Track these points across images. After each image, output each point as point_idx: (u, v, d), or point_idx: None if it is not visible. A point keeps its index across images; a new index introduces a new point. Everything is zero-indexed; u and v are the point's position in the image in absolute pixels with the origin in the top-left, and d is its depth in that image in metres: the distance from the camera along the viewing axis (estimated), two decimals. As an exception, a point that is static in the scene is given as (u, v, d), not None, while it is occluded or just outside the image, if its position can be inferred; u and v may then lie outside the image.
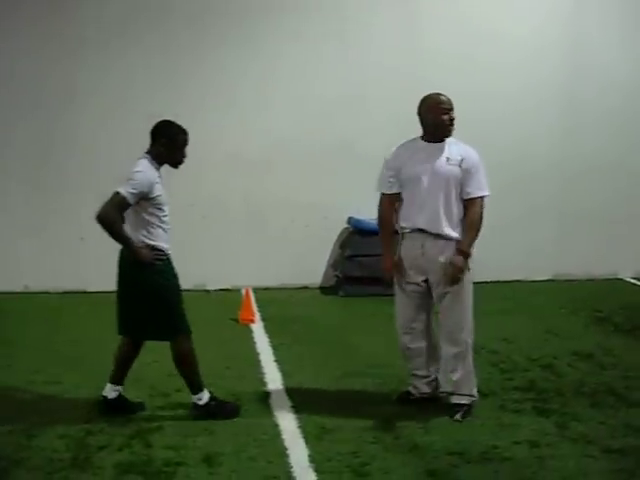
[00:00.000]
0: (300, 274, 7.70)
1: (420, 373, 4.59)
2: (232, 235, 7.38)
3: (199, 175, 7.22)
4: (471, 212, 4.30)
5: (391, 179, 4.40)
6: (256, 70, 7.41)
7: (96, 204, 3.99)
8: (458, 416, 4.38)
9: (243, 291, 6.92)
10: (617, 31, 7.97)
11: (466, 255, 4.26)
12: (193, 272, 7.35)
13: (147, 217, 4.11)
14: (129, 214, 4.08)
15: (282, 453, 3.91)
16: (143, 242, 4.11)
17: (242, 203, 7.42)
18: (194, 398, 4.35)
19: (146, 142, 4.21)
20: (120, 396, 4.41)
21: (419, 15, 7.58)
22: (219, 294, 7.46)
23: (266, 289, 7.47)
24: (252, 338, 6.00)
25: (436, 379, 4.60)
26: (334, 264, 7.81)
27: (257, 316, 6.56)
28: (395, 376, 4.98)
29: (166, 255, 4.22)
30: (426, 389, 4.61)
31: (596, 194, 8.04)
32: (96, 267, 7.17)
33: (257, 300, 6.95)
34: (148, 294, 4.17)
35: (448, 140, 4.33)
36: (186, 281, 7.21)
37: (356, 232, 7.53)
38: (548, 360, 5.45)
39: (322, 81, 7.48)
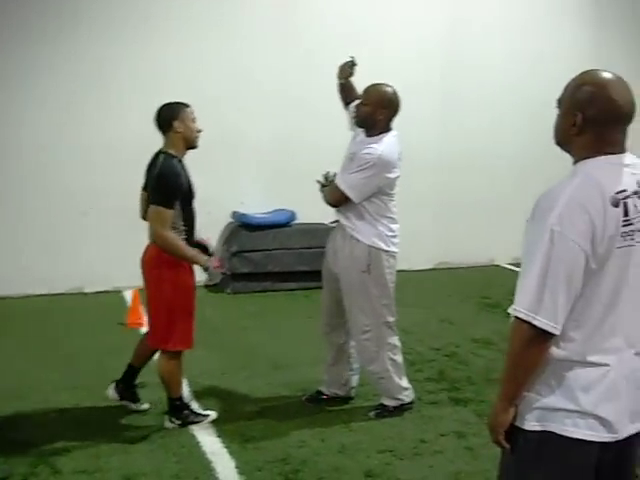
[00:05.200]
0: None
1: (333, 370, 4.44)
2: (112, 233, 6.91)
3: (77, 169, 6.77)
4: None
5: None
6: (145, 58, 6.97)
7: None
8: (372, 414, 4.28)
9: (126, 293, 6.49)
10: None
11: None
12: (69, 274, 6.90)
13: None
14: None
15: (207, 467, 3.65)
16: None
17: (122, 199, 6.94)
18: None
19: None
20: None
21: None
22: (99, 297, 6.96)
23: (149, 290, 7.04)
24: (144, 343, 5.62)
25: (349, 380, 4.46)
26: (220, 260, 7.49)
27: (145, 319, 6.17)
28: (303, 375, 4.84)
29: None
30: (336, 389, 4.45)
31: (472, 184, 8.21)
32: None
33: (143, 302, 6.53)
34: None
35: (390, 134, 4.12)
36: (62, 284, 6.92)
37: (241, 227, 7.28)
38: (451, 349, 5.49)
39: (204, 71, 7.13)
